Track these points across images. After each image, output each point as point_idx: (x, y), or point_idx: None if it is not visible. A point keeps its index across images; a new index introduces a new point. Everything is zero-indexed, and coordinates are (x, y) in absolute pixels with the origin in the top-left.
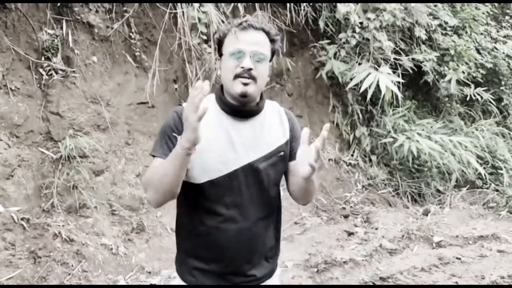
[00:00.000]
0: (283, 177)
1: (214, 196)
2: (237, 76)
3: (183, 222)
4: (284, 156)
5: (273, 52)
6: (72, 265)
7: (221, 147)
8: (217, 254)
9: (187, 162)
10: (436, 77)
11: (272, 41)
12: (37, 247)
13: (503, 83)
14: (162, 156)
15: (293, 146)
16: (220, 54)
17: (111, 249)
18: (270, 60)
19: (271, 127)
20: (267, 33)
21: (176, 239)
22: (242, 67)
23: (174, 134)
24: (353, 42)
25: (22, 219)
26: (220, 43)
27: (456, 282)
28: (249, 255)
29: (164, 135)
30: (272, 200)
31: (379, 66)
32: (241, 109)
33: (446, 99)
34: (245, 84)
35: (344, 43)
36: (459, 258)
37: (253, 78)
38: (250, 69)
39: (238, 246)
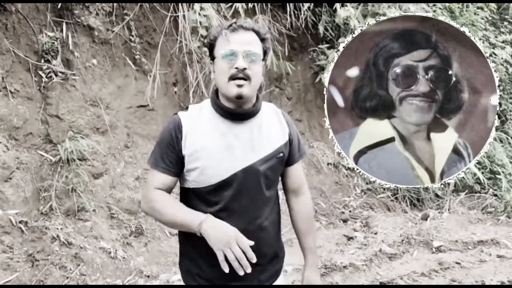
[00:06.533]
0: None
1: (215, 200)
2: (231, 78)
3: None
4: (283, 158)
5: (265, 51)
6: (70, 269)
7: (219, 152)
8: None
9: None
10: None
11: (263, 40)
12: (35, 250)
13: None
14: (164, 171)
15: (291, 149)
16: (212, 58)
17: (110, 252)
18: (263, 59)
19: (269, 129)
20: (257, 33)
21: (179, 245)
22: (236, 68)
23: (172, 146)
24: None
25: (20, 222)
26: (211, 47)
27: None
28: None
29: (163, 147)
30: (272, 202)
31: None
32: (237, 112)
33: None
34: (240, 86)
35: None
36: (459, 263)
37: (248, 78)
38: (244, 68)
39: None
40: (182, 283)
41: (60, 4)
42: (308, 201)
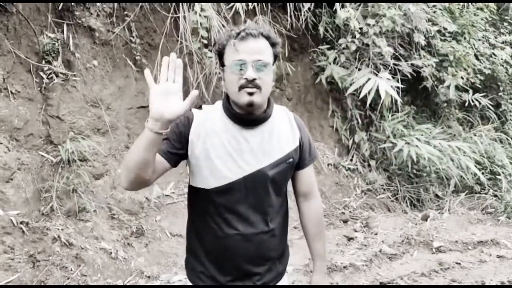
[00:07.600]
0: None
1: (222, 202)
2: (242, 87)
3: (193, 228)
4: (292, 163)
5: (275, 56)
6: (71, 269)
7: (229, 154)
8: (226, 260)
9: (153, 144)
10: (435, 82)
11: (273, 45)
12: (36, 251)
13: (501, 88)
14: (158, 151)
15: (302, 154)
16: (222, 65)
17: (110, 253)
18: (273, 64)
19: (280, 134)
20: (267, 38)
21: (186, 243)
22: (246, 78)
23: (179, 131)
24: (353, 47)
25: (21, 222)
26: (220, 54)
27: None
28: (257, 260)
29: (169, 132)
30: (279, 206)
31: (378, 72)
32: (248, 118)
33: (445, 104)
34: (251, 94)
35: (343, 48)
36: (459, 263)
37: (258, 87)
38: (254, 79)
39: (246, 251)
40: (182, 283)
41: (61, 5)
42: (319, 205)
